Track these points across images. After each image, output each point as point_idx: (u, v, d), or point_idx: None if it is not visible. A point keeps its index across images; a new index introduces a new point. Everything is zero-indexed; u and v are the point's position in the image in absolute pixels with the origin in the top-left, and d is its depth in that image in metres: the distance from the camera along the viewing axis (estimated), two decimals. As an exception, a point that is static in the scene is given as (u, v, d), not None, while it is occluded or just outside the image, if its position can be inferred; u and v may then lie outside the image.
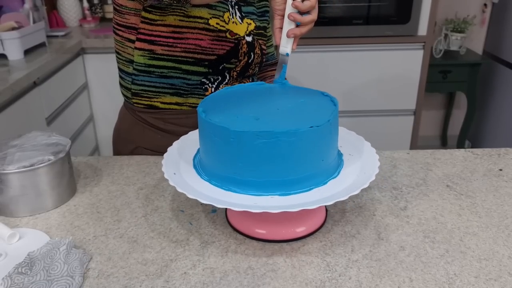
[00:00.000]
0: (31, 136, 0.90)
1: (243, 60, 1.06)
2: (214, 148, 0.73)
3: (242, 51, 1.05)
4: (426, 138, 3.16)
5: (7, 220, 0.83)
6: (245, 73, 1.11)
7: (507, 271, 0.69)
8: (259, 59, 1.11)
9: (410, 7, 2.24)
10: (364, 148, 0.83)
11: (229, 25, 1.02)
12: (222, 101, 0.80)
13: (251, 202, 0.69)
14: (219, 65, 1.03)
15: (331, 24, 2.28)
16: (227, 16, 1.02)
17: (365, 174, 0.75)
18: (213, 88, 1.06)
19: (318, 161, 0.73)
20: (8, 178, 0.80)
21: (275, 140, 0.68)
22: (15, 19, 1.97)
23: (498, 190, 0.91)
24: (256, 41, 1.09)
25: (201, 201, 0.68)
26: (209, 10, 0.99)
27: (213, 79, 1.05)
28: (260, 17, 1.13)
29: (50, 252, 0.69)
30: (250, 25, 1.08)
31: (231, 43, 1.02)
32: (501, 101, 2.79)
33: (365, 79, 2.40)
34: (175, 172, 0.77)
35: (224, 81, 1.07)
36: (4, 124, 1.58)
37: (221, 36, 1.00)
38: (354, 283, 0.67)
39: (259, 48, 1.10)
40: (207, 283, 0.67)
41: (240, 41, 1.04)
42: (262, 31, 1.13)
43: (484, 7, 2.84)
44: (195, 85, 1.04)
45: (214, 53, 1.01)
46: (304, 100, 0.80)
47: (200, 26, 0.98)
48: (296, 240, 0.76)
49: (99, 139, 2.54)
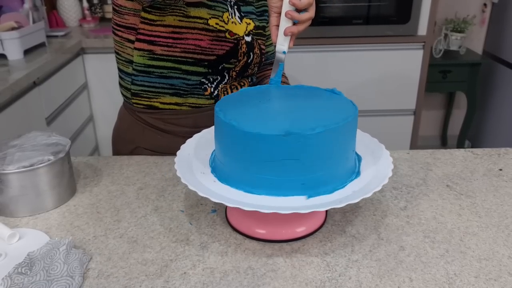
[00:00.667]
0: (31, 136, 0.90)
1: (242, 60, 1.06)
2: (229, 148, 0.74)
3: (241, 51, 1.05)
4: (426, 138, 3.16)
5: (7, 220, 0.83)
6: (244, 73, 1.10)
7: (507, 271, 0.69)
8: (258, 59, 1.11)
9: (410, 7, 2.24)
10: (381, 151, 0.83)
11: (228, 25, 1.02)
12: (238, 102, 0.79)
13: (262, 203, 0.69)
14: (219, 65, 1.03)
15: (331, 24, 2.27)
16: (226, 16, 1.02)
17: (377, 177, 0.75)
18: (212, 88, 1.06)
19: (337, 162, 0.73)
20: (8, 178, 0.80)
21: (293, 140, 0.68)
22: (15, 19, 1.97)
23: (498, 190, 0.91)
24: (255, 41, 1.09)
25: (212, 199, 0.68)
26: (208, 10, 0.99)
27: (212, 79, 1.05)
28: (259, 17, 1.13)
29: (50, 252, 0.69)
30: (249, 25, 1.08)
31: (230, 43, 1.02)
32: (501, 101, 2.79)
33: (365, 79, 2.40)
34: (187, 170, 0.77)
35: (223, 81, 1.07)
36: (4, 124, 1.58)
37: (220, 36, 1.00)
38: (354, 283, 0.67)
39: (258, 48, 1.10)
40: (207, 283, 0.67)
41: (240, 41, 1.04)
42: (261, 30, 1.13)
43: (484, 7, 2.84)
44: (195, 85, 1.04)
45: (214, 53, 1.01)
46: (321, 101, 0.80)
47: (200, 26, 0.98)
48: (296, 240, 0.76)
49: (99, 139, 2.54)
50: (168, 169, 0.99)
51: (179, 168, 0.76)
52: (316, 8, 0.86)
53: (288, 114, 0.75)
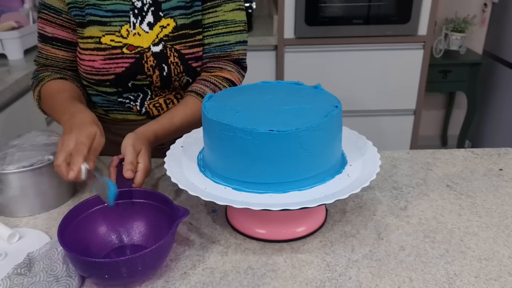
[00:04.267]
0: (30, 136, 0.90)
1: (155, 74, 0.97)
2: (216, 146, 0.74)
3: (148, 65, 0.96)
4: (426, 138, 3.16)
5: (7, 220, 0.83)
6: (169, 86, 1.00)
7: (507, 271, 0.69)
8: (181, 67, 0.98)
9: (410, 6, 2.24)
10: (366, 147, 0.83)
11: (128, 39, 0.95)
12: (224, 100, 0.79)
13: (253, 200, 0.69)
14: (125, 83, 0.97)
15: (331, 24, 2.27)
16: (126, 29, 0.95)
17: (365, 173, 0.75)
18: (138, 105, 1.01)
19: (322, 159, 0.73)
20: (8, 178, 0.80)
21: (277, 138, 0.68)
22: (14, 19, 1.97)
23: (498, 190, 0.91)
24: (170, 49, 0.97)
25: (203, 198, 0.68)
26: (101, 27, 0.94)
27: (133, 96, 1.00)
28: (186, 10, 0.98)
29: (49, 253, 0.69)
30: (165, 29, 0.96)
31: (130, 58, 0.95)
32: (501, 101, 2.79)
33: (365, 79, 2.40)
34: (177, 170, 0.77)
35: (147, 97, 1.01)
36: (4, 124, 1.58)
37: (114, 53, 0.94)
38: (354, 283, 0.66)
39: (175, 56, 0.97)
40: (207, 283, 0.67)
41: (144, 54, 0.95)
42: (187, 30, 0.98)
43: (484, 7, 2.84)
44: (115, 103, 1.01)
45: (110, 72, 0.95)
46: (305, 97, 0.79)
47: (91, 46, 0.94)
48: (296, 240, 0.76)
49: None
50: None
51: (169, 167, 0.76)
52: (316, 8, 0.86)
53: (274, 111, 0.75)
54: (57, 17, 0.95)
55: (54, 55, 0.98)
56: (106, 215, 0.75)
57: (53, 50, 0.98)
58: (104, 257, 0.72)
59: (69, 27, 0.96)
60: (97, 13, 0.94)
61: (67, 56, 0.99)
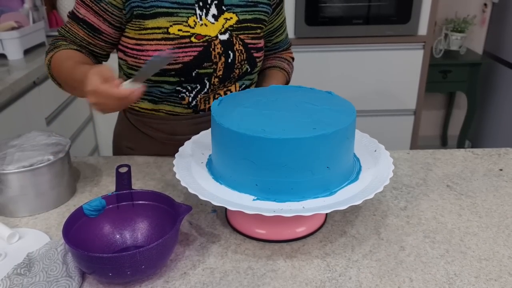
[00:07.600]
0: (30, 136, 0.90)
1: (220, 62, 1.00)
2: (223, 150, 0.74)
3: (215, 52, 0.99)
4: (426, 138, 3.16)
5: (7, 220, 0.83)
6: (229, 77, 1.03)
7: (507, 271, 0.69)
8: (244, 55, 1.03)
9: (410, 6, 2.24)
10: (380, 152, 0.83)
11: (195, 28, 0.97)
12: (233, 104, 0.79)
13: (264, 206, 0.70)
14: (190, 72, 0.99)
15: (331, 24, 2.27)
16: (193, 20, 0.97)
17: (377, 178, 0.75)
18: (191, 98, 1.02)
19: (337, 164, 0.73)
20: (7, 178, 0.80)
21: (293, 144, 0.68)
22: (15, 19, 1.97)
23: (498, 190, 0.91)
24: (235, 38, 1.01)
25: (213, 203, 0.68)
26: (169, 18, 0.96)
27: (190, 87, 1.01)
28: (248, 8, 1.03)
29: (48, 253, 0.69)
30: (229, 20, 1.01)
31: (198, 47, 0.97)
32: (501, 101, 2.79)
33: (365, 79, 2.40)
34: (186, 173, 0.77)
35: (203, 90, 1.02)
36: (4, 124, 1.58)
37: (183, 42, 0.96)
38: (354, 283, 0.66)
39: (240, 44, 1.02)
40: (207, 283, 0.67)
41: (211, 42, 0.99)
42: (249, 23, 1.03)
43: (484, 7, 2.84)
44: (170, 93, 1.02)
45: (178, 61, 0.96)
46: (320, 103, 0.80)
47: (159, 36, 0.95)
48: (296, 240, 0.76)
49: (99, 139, 2.54)
50: (168, 169, 0.99)
51: (178, 170, 0.76)
52: (316, 8, 0.87)
53: (287, 117, 0.75)
54: (95, 4, 0.95)
55: (76, 32, 0.99)
56: (109, 216, 0.75)
57: (78, 28, 0.99)
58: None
59: (102, 15, 0.96)
60: (163, 4, 0.95)
61: (87, 38, 0.99)
